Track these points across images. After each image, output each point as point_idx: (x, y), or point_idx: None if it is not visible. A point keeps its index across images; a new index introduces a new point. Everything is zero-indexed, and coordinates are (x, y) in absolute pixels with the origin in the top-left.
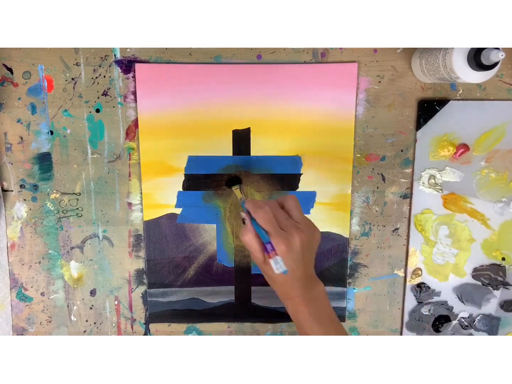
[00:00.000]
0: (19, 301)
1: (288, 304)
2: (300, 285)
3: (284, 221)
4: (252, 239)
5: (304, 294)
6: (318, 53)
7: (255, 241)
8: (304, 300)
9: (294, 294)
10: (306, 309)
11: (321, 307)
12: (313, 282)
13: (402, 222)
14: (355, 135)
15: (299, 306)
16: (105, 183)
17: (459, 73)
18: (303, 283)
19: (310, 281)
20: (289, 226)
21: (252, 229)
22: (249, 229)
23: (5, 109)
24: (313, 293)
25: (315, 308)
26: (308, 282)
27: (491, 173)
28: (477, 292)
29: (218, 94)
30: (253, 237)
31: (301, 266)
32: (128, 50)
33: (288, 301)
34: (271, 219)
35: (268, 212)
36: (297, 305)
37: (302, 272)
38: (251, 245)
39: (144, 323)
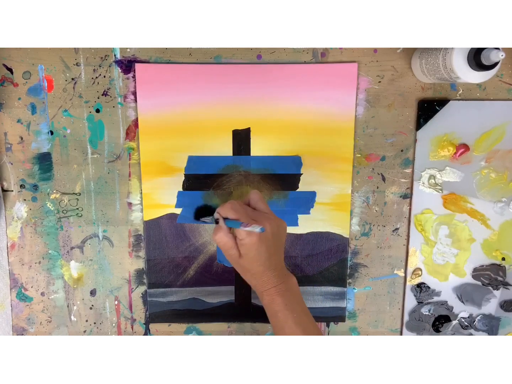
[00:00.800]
0: (19, 301)
1: (265, 295)
2: (275, 275)
3: (252, 212)
4: (225, 236)
5: (279, 285)
6: (318, 53)
7: (227, 237)
8: (279, 290)
9: (270, 284)
10: (281, 299)
11: (294, 299)
12: (286, 275)
13: (402, 222)
14: (355, 135)
15: (275, 296)
16: (105, 183)
17: (459, 73)
18: (278, 274)
19: (283, 273)
20: (258, 215)
21: (224, 226)
22: (221, 227)
23: (5, 109)
24: (288, 284)
25: (289, 299)
26: (281, 273)
27: (491, 173)
28: (477, 292)
29: (218, 94)
30: (226, 234)
31: (274, 254)
32: (128, 50)
33: (264, 292)
34: (239, 208)
35: (235, 204)
36: (272, 296)
37: (275, 261)
38: (225, 242)
39: (144, 323)
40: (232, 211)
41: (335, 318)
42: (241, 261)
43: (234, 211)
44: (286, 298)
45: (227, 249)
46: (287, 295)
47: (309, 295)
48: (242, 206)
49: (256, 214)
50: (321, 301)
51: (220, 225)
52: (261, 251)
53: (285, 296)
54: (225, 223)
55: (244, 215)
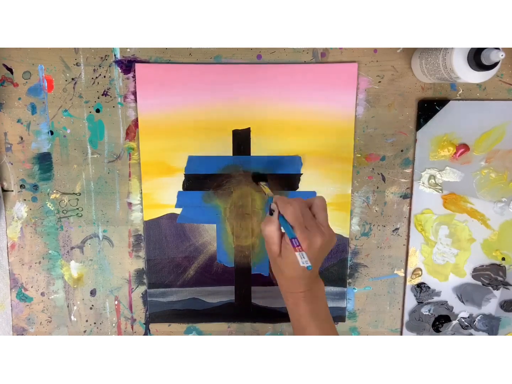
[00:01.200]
0: (19, 301)
1: (290, 298)
2: (306, 282)
3: (309, 220)
4: (274, 231)
5: (307, 291)
6: (318, 53)
7: (276, 233)
8: (306, 296)
9: (298, 290)
10: (307, 305)
11: (320, 306)
12: (316, 281)
13: (402, 222)
14: (355, 135)
15: (301, 301)
16: (105, 183)
17: (459, 73)
18: (309, 281)
19: (313, 280)
20: (313, 226)
21: (277, 222)
22: (274, 221)
23: (5, 109)
24: (315, 291)
25: (315, 305)
26: (312, 280)
27: (491, 173)
28: (477, 292)
29: (218, 94)
30: (276, 229)
31: (313, 265)
32: (128, 50)
33: (290, 294)
34: (298, 216)
35: (297, 209)
36: (298, 299)
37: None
38: (272, 236)
39: (144, 323)
40: (290, 215)
41: (335, 318)
42: (279, 260)
43: (293, 216)
44: (310, 304)
45: (270, 243)
46: (313, 302)
47: None
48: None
49: (313, 224)
50: None
51: (273, 218)
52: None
53: (310, 303)
54: (278, 219)
55: (300, 224)
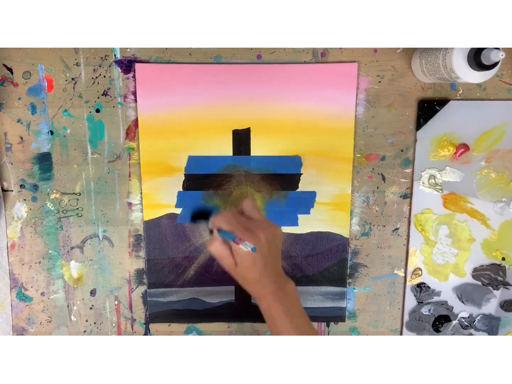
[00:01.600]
0: (19, 301)
1: (262, 302)
2: (272, 281)
3: (246, 223)
4: (221, 246)
5: (276, 291)
6: (318, 53)
7: (223, 247)
8: (276, 296)
9: (267, 291)
10: (279, 304)
11: (292, 303)
12: (284, 280)
13: (402, 222)
14: (355, 135)
15: (272, 301)
16: (105, 183)
17: (459, 73)
18: (274, 280)
19: (280, 278)
20: (252, 226)
21: (219, 237)
22: (216, 238)
23: (5, 109)
24: (285, 290)
25: (287, 304)
26: (278, 279)
27: (491, 173)
28: (477, 292)
29: (218, 94)
30: (221, 244)
31: (270, 262)
32: (128, 50)
33: (261, 298)
34: (233, 220)
35: (228, 215)
36: (270, 301)
37: (272, 268)
38: (221, 252)
39: (144, 323)
40: (225, 223)
41: (335, 318)
42: (237, 269)
43: (227, 223)
44: (283, 303)
45: (222, 258)
46: (284, 300)
47: (309, 295)
48: (235, 217)
49: (250, 223)
50: (321, 301)
51: (214, 236)
52: (256, 260)
53: (282, 301)
54: (219, 234)
55: (238, 226)
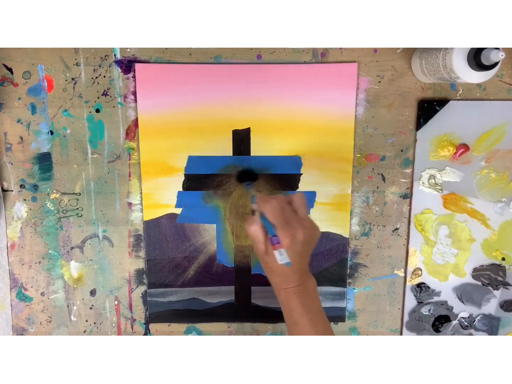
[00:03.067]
0: (19, 301)
1: (282, 293)
2: (296, 277)
3: (290, 216)
4: (258, 230)
5: (298, 286)
6: (318, 53)
7: (260, 232)
8: (297, 290)
9: (289, 285)
10: (298, 298)
11: (311, 299)
12: (307, 276)
13: (402, 222)
14: (355, 135)
15: (292, 295)
16: (105, 183)
17: (459, 73)
18: (299, 276)
19: (304, 274)
20: (295, 221)
21: (259, 221)
22: (256, 220)
23: (5, 109)
24: (306, 286)
25: (306, 299)
26: (303, 275)
27: (491, 173)
28: (477, 292)
29: (218, 94)
30: (259, 228)
31: (299, 260)
32: (128, 50)
33: (282, 290)
34: (278, 213)
35: (276, 206)
36: (290, 294)
37: (300, 265)
38: (256, 235)
39: (144, 323)
40: (270, 212)
41: (335, 318)
42: (266, 257)
43: (273, 213)
44: (302, 299)
45: (256, 242)
46: (304, 296)
47: None
48: (282, 208)
49: (294, 218)
50: (321, 301)
51: (255, 218)
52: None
53: (302, 297)
54: (260, 218)
55: (281, 220)
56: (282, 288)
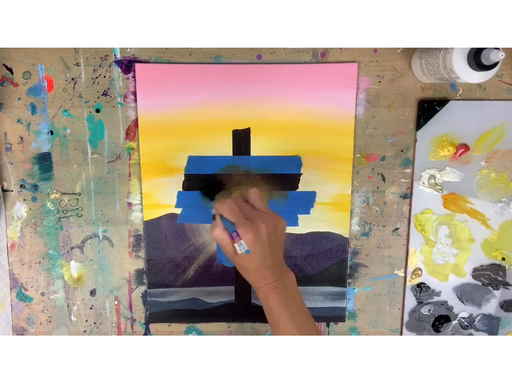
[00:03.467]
0: (19, 301)
1: (260, 292)
2: (271, 273)
3: (249, 212)
4: (221, 233)
5: (275, 282)
6: (318, 53)
7: (224, 234)
8: (274, 287)
9: (265, 282)
10: (276, 296)
11: (291, 295)
12: (284, 271)
13: (402, 222)
14: (355, 135)
15: (270, 292)
16: (105, 183)
17: (459, 73)
18: (274, 271)
19: (280, 269)
20: (254, 216)
21: (220, 224)
22: (218, 224)
23: (5, 109)
24: (284, 281)
25: (285, 295)
26: (278, 270)
27: (491, 173)
28: (477, 292)
29: (218, 94)
30: (222, 231)
31: (269, 254)
32: (128, 50)
33: (260, 289)
34: (235, 210)
35: (231, 204)
36: (267, 292)
37: (271, 259)
38: (221, 239)
39: (144, 323)
40: (227, 212)
41: (335, 318)
42: (237, 258)
43: (229, 212)
44: (281, 295)
45: (223, 245)
46: (283, 292)
47: (309, 295)
48: (239, 205)
49: (253, 213)
50: (321, 301)
51: (217, 222)
52: (255, 250)
53: (280, 293)
54: (221, 221)
55: (240, 217)
56: (260, 286)
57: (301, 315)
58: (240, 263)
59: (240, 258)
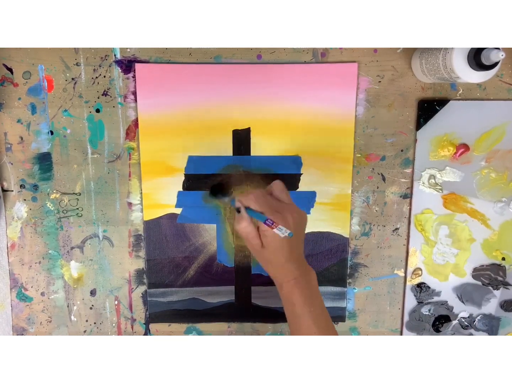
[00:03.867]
0: (19, 301)
1: (284, 287)
2: (296, 267)
3: (275, 204)
4: (248, 226)
5: (299, 277)
6: (318, 53)
7: (251, 227)
8: (299, 283)
9: (290, 276)
10: (301, 292)
11: (313, 293)
12: (307, 268)
13: (402, 222)
14: (355, 135)
15: (294, 288)
16: (105, 183)
17: (459, 73)
18: (298, 266)
19: (303, 265)
20: (281, 207)
21: (247, 216)
22: (244, 217)
23: (5, 109)
24: (307, 278)
25: (308, 292)
26: (302, 266)
27: (491, 173)
28: (477, 292)
29: (218, 94)
30: (249, 224)
31: (296, 247)
32: (128, 50)
33: (284, 283)
34: (263, 200)
35: (259, 195)
36: (292, 287)
37: (297, 253)
38: (248, 232)
39: (144, 323)
40: (255, 203)
41: (335, 318)
42: (263, 251)
43: (258, 203)
44: (304, 291)
45: (250, 239)
46: (306, 289)
47: None
48: (265, 198)
49: (279, 205)
50: None
51: (242, 215)
52: (283, 243)
53: (304, 289)
54: (247, 213)
55: (268, 208)
56: (284, 281)
57: (323, 315)
58: (266, 257)
59: (267, 252)
